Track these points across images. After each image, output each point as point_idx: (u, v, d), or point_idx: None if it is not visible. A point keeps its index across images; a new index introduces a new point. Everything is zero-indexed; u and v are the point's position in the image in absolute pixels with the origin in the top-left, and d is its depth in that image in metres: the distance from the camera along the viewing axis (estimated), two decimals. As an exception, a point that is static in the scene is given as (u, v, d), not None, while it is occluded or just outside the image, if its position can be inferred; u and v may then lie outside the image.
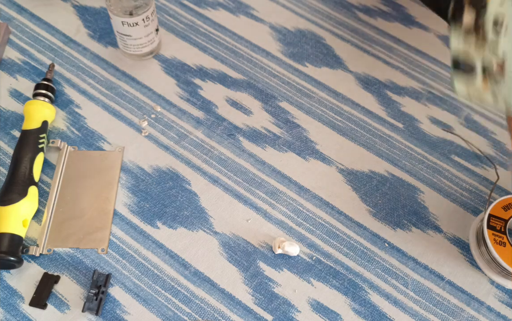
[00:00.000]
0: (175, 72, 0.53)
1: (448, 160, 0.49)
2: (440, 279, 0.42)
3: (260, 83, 0.53)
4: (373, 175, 0.48)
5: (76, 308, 0.40)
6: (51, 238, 0.42)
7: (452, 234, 0.45)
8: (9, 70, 0.52)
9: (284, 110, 0.51)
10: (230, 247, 0.43)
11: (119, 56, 0.54)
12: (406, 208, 0.46)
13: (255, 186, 0.46)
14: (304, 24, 0.58)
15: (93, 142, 0.48)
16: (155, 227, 0.44)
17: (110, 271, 0.41)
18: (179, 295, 0.41)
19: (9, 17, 0.56)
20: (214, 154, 0.48)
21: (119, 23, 0.49)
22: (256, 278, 0.42)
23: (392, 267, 0.43)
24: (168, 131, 0.49)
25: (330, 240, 0.44)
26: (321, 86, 0.53)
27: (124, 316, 0.39)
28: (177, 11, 0.58)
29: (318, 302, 0.41)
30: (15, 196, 0.41)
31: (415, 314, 0.41)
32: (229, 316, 0.40)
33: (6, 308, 0.39)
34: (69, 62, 0.53)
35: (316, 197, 0.46)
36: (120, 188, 0.46)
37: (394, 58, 0.56)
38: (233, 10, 0.59)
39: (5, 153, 0.47)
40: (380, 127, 0.51)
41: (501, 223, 0.42)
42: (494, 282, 0.42)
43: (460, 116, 0.52)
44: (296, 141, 0.49)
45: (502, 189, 0.48)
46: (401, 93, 0.53)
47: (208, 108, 0.51)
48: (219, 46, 0.56)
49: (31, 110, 0.46)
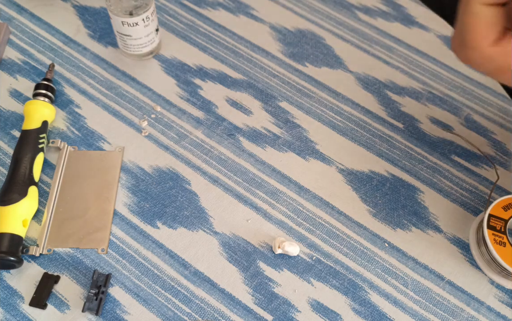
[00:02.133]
0: (175, 72, 0.53)
1: (448, 160, 0.49)
2: (440, 279, 0.42)
3: (260, 83, 0.53)
4: (373, 175, 0.48)
5: (76, 308, 0.40)
6: (51, 238, 0.42)
7: (452, 234, 0.45)
8: (9, 70, 0.52)
9: (284, 110, 0.51)
10: (230, 247, 0.43)
11: (119, 56, 0.54)
12: (406, 208, 0.46)
13: (255, 186, 0.46)
14: (304, 24, 0.59)
15: (93, 142, 0.48)
16: (155, 227, 0.44)
17: (110, 271, 0.41)
18: (179, 295, 0.41)
19: (9, 17, 0.56)
20: (214, 154, 0.48)
21: (119, 23, 0.49)
22: (256, 278, 0.42)
23: (392, 267, 0.43)
24: (168, 131, 0.49)
25: (330, 240, 0.44)
26: (321, 86, 0.53)
27: (124, 316, 0.39)
28: (177, 11, 0.58)
29: (318, 302, 0.41)
30: (15, 196, 0.41)
31: (415, 314, 0.41)
32: (229, 316, 0.40)
33: (6, 308, 0.39)
34: (69, 62, 0.53)
35: (316, 197, 0.46)
36: (120, 188, 0.46)
37: (394, 58, 0.56)
38: (233, 10, 0.59)
39: (5, 153, 0.47)
40: (380, 127, 0.51)
41: (501, 223, 0.42)
42: (494, 282, 0.42)
43: (460, 116, 0.52)
44: (296, 141, 0.49)
45: (502, 189, 0.48)
46: (401, 93, 0.53)
47: (208, 108, 0.51)
48: (219, 46, 0.56)
49: (31, 110, 0.46)
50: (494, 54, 0.33)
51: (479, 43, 0.33)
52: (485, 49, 0.33)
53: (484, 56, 0.33)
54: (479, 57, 0.33)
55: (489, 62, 0.33)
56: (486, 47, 0.33)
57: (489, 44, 0.32)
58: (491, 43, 0.32)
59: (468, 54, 0.34)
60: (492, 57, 0.33)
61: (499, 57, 0.33)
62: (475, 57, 0.33)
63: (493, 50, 0.33)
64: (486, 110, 0.53)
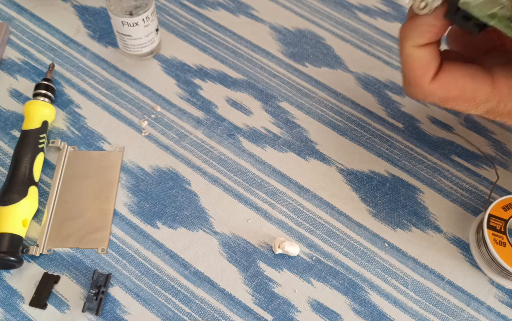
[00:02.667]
0: (175, 72, 0.53)
1: (448, 160, 0.49)
2: (440, 279, 0.42)
3: (260, 83, 0.53)
4: (373, 175, 0.48)
5: (76, 308, 0.40)
6: (51, 238, 0.42)
7: (452, 234, 0.45)
8: (9, 70, 0.52)
9: (284, 110, 0.51)
10: (230, 247, 0.43)
11: (119, 56, 0.54)
12: (406, 208, 0.46)
13: (255, 186, 0.46)
14: (304, 24, 0.59)
15: (93, 142, 0.48)
16: (155, 227, 0.44)
17: (110, 271, 0.41)
18: (179, 295, 0.41)
19: (9, 17, 0.56)
20: (214, 154, 0.48)
21: (119, 23, 0.49)
22: (256, 278, 0.42)
23: (392, 267, 0.43)
24: (168, 131, 0.49)
25: (330, 240, 0.44)
26: (321, 86, 0.53)
27: (124, 316, 0.39)
28: (177, 11, 0.58)
29: (318, 302, 0.41)
30: (15, 196, 0.41)
31: (415, 314, 0.41)
32: (229, 316, 0.40)
33: (6, 308, 0.39)
34: (69, 62, 0.53)
35: (316, 197, 0.46)
36: (120, 188, 0.46)
37: (394, 58, 0.56)
38: (233, 10, 0.59)
39: (5, 153, 0.47)
40: (380, 127, 0.51)
41: (501, 223, 0.42)
42: (494, 282, 0.42)
43: (460, 116, 0.52)
44: (296, 141, 0.49)
45: (502, 189, 0.48)
46: (401, 93, 0.53)
47: (208, 108, 0.51)
48: (219, 46, 0.56)
49: (31, 110, 0.46)
50: (434, 89, 0.34)
51: (418, 82, 0.34)
52: (426, 86, 0.34)
53: (425, 92, 0.35)
54: (422, 93, 0.35)
55: (431, 96, 0.35)
56: (425, 85, 0.34)
57: (428, 81, 0.34)
58: (430, 80, 0.34)
59: (412, 91, 0.35)
60: (432, 92, 0.34)
61: (438, 91, 0.34)
62: (417, 93, 0.35)
63: (433, 86, 0.34)
64: (486, 110, 0.53)
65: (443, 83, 0.34)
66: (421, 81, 0.34)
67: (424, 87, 0.34)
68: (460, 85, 0.34)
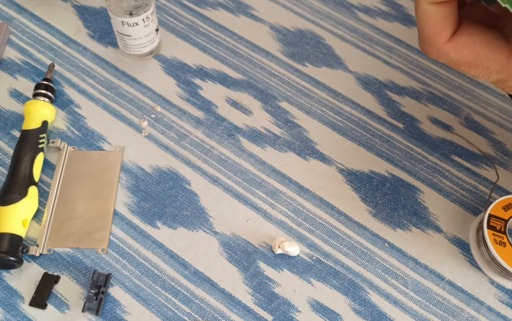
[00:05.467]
0: (175, 72, 0.53)
1: (448, 160, 0.49)
2: (440, 279, 0.42)
3: (260, 83, 0.53)
4: (373, 175, 0.48)
5: (76, 308, 0.40)
6: (51, 238, 0.42)
7: (452, 234, 0.45)
8: (9, 70, 0.52)
9: (284, 110, 0.51)
10: (230, 247, 0.43)
11: (119, 56, 0.54)
12: (406, 208, 0.46)
13: (255, 186, 0.46)
14: (304, 24, 0.59)
15: (93, 142, 0.48)
16: (155, 227, 0.44)
17: (110, 271, 0.41)
18: (179, 295, 0.41)
19: (9, 17, 0.56)
20: (214, 154, 0.48)
21: (119, 23, 0.49)
22: (256, 278, 0.42)
23: (392, 267, 0.43)
24: (168, 131, 0.49)
25: (330, 240, 0.44)
26: (321, 86, 0.53)
27: (124, 316, 0.39)
28: (177, 11, 0.58)
29: (318, 302, 0.41)
30: (15, 196, 0.41)
31: (415, 314, 0.41)
32: (229, 316, 0.40)
33: (6, 308, 0.39)
34: (69, 62, 0.53)
35: (316, 197, 0.46)
36: (120, 188, 0.46)
37: (394, 58, 0.56)
38: (233, 10, 0.59)
39: (5, 153, 0.47)
40: (380, 127, 0.51)
41: (501, 223, 0.42)
42: (494, 282, 0.42)
43: (460, 116, 0.52)
44: (296, 141, 0.49)
45: (502, 189, 0.48)
46: (401, 93, 0.53)
47: (208, 108, 0.51)
48: (219, 46, 0.56)
49: (31, 110, 0.46)
50: (448, 51, 0.33)
51: (433, 40, 0.33)
52: (440, 45, 0.33)
53: (439, 52, 0.34)
54: (436, 53, 0.34)
55: (445, 57, 0.34)
56: (440, 44, 0.33)
57: (444, 41, 0.33)
58: (446, 39, 0.33)
59: (426, 49, 0.35)
60: (446, 54, 0.34)
61: (453, 52, 0.33)
62: (432, 52, 0.34)
63: (448, 48, 0.33)
64: (486, 110, 0.53)
65: (459, 46, 0.33)
66: (435, 39, 0.33)
67: (439, 47, 0.33)
68: (476, 51, 0.33)
